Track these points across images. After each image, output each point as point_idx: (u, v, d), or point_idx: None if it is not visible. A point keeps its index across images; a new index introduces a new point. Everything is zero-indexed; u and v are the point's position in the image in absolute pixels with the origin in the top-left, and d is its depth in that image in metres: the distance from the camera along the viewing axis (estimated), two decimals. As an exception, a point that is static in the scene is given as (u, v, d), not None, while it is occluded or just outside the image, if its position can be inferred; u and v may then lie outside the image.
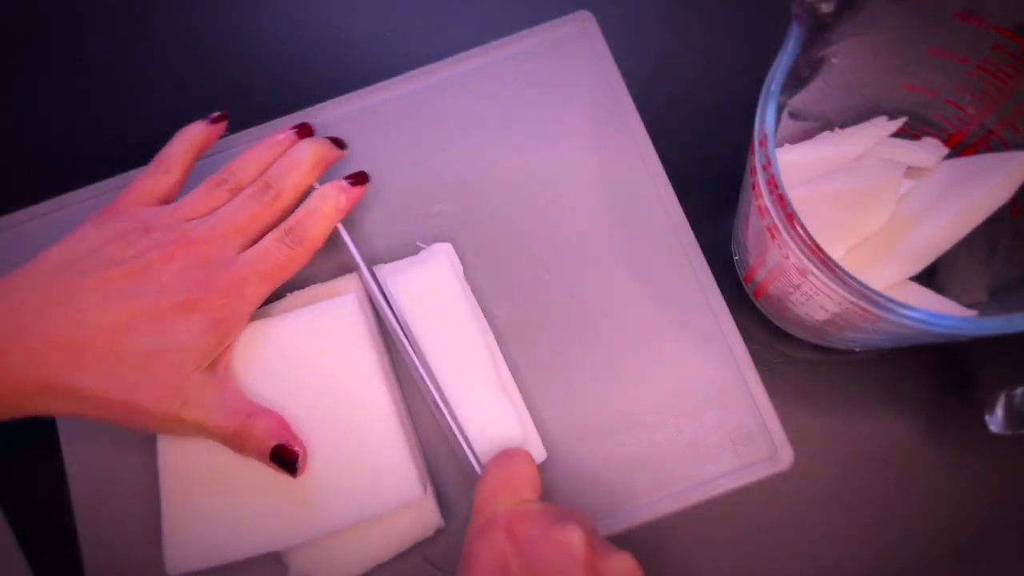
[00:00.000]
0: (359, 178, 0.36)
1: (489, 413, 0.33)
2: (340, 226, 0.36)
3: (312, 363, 0.33)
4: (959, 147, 0.36)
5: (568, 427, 0.35)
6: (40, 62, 0.46)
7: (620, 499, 0.34)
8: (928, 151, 0.35)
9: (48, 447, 0.36)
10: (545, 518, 0.27)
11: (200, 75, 0.45)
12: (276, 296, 0.35)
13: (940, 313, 0.25)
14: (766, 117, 0.28)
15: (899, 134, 0.36)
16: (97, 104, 0.45)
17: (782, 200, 0.26)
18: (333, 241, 0.36)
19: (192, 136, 0.35)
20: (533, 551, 0.26)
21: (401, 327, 0.35)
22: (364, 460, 0.32)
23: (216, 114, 0.36)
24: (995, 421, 0.31)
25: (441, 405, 0.33)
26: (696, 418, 0.35)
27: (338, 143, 0.37)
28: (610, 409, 0.35)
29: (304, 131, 0.37)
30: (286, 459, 0.31)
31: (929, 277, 0.35)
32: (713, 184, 0.41)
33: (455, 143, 0.40)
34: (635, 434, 0.35)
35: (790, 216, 0.26)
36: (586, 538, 0.26)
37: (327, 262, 0.37)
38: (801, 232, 0.26)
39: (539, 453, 0.34)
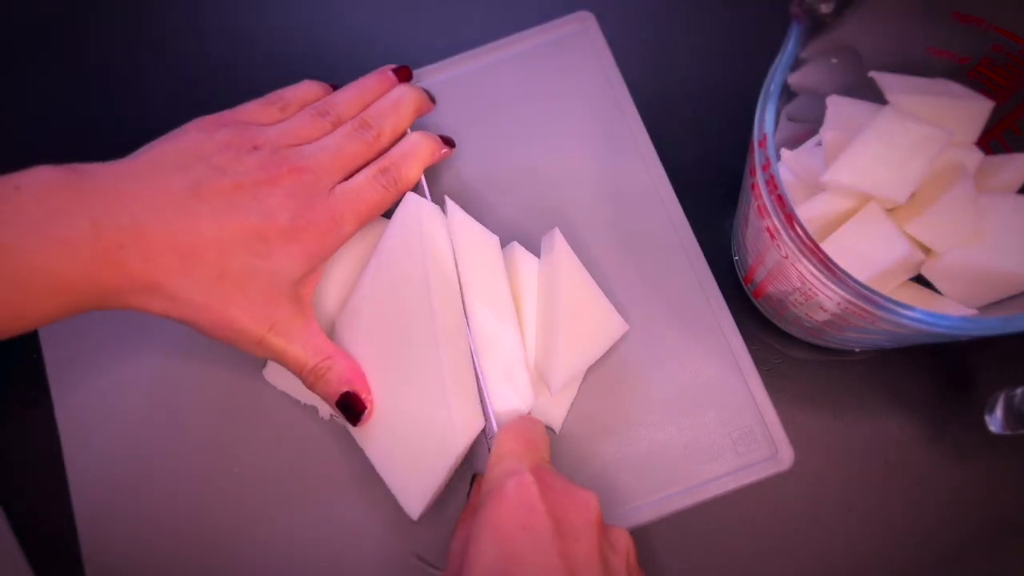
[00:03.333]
0: (448, 141, 0.38)
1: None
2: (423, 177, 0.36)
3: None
4: (959, 147, 0.36)
5: (569, 427, 0.35)
6: (39, 63, 0.46)
7: (620, 499, 0.34)
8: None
9: (48, 447, 0.36)
10: (565, 479, 0.29)
11: (201, 75, 0.45)
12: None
13: (940, 313, 0.25)
14: (765, 117, 0.28)
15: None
16: (97, 105, 0.45)
17: (782, 200, 0.26)
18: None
19: (313, 89, 0.37)
20: (558, 500, 0.27)
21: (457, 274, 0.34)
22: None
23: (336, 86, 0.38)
24: (995, 421, 0.31)
25: (474, 354, 0.33)
26: (696, 418, 0.35)
27: (430, 96, 0.38)
28: (610, 409, 0.35)
29: (402, 74, 0.38)
30: (353, 408, 0.32)
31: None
32: (713, 184, 0.41)
33: (455, 143, 0.40)
34: (635, 434, 0.35)
35: (790, 216, 0.26)
36: (599, 506, 0.28)
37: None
38: (801, 232, 0.26)
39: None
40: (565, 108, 0.41)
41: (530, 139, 0.40)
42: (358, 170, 0.34)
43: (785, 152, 0.35)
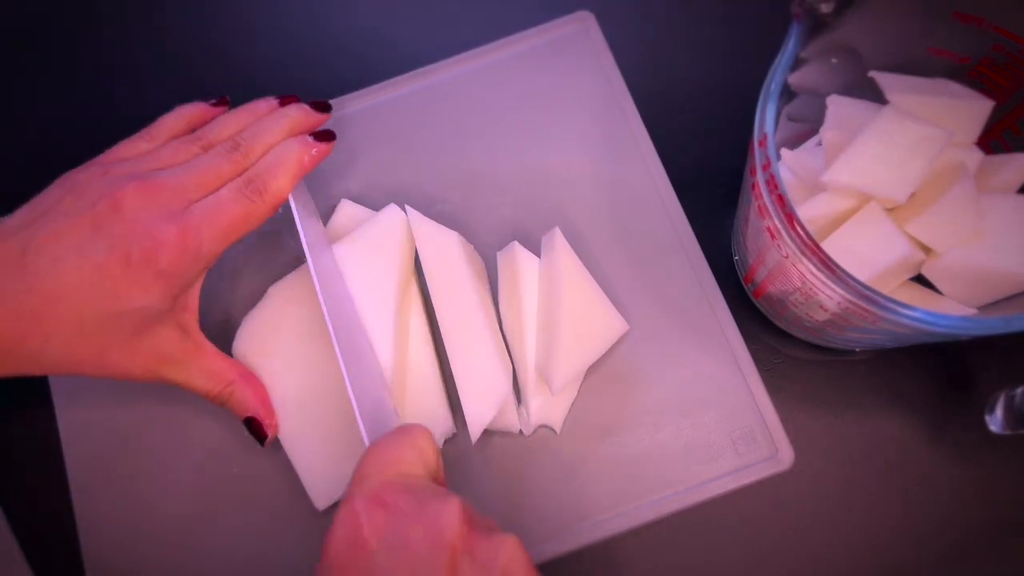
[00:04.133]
0: (325, 135, 0.34)
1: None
2: (292, 201, 0.34)
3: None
4: (959, 147, 0.36)
5: (569, 427, 0.35)
6: (38, 64, 0.46)
7: (620, 499, 0.34)
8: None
9: (49, 447, 0.36)
10: (423, 493, 0.25)
11: (202, 75, 0.45)
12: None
13: (940, 313, 0.25)
14: (766, 117, 0.28)
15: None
16: (97, 105, 0.45)
17: (782, 200, 0.26)
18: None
19: (188, 114, 0.35)
20: (396, 526, 0.23)
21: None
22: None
23: (217, 99, 0.36)
24: (995, 421, 0.31)
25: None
26: (696, 418, 0.35)
27: (320, 107, 0.35)
28: (610, 409, 0.35)
29: (287, 101, 0.36)
30: (256, 433, 0.33)
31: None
32: (713, 184, 0.41)
33: (455, 143, 0.40)
34: (635, 434, 0.35)
35: (790, 216, 0.26)
36: (462, 516, 0.24)
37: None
38: (801, 232, 0.26)
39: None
40: (565, 108, 0.41)
41: (530, 139, 0.40)
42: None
43: (785, 152, 0.35)
